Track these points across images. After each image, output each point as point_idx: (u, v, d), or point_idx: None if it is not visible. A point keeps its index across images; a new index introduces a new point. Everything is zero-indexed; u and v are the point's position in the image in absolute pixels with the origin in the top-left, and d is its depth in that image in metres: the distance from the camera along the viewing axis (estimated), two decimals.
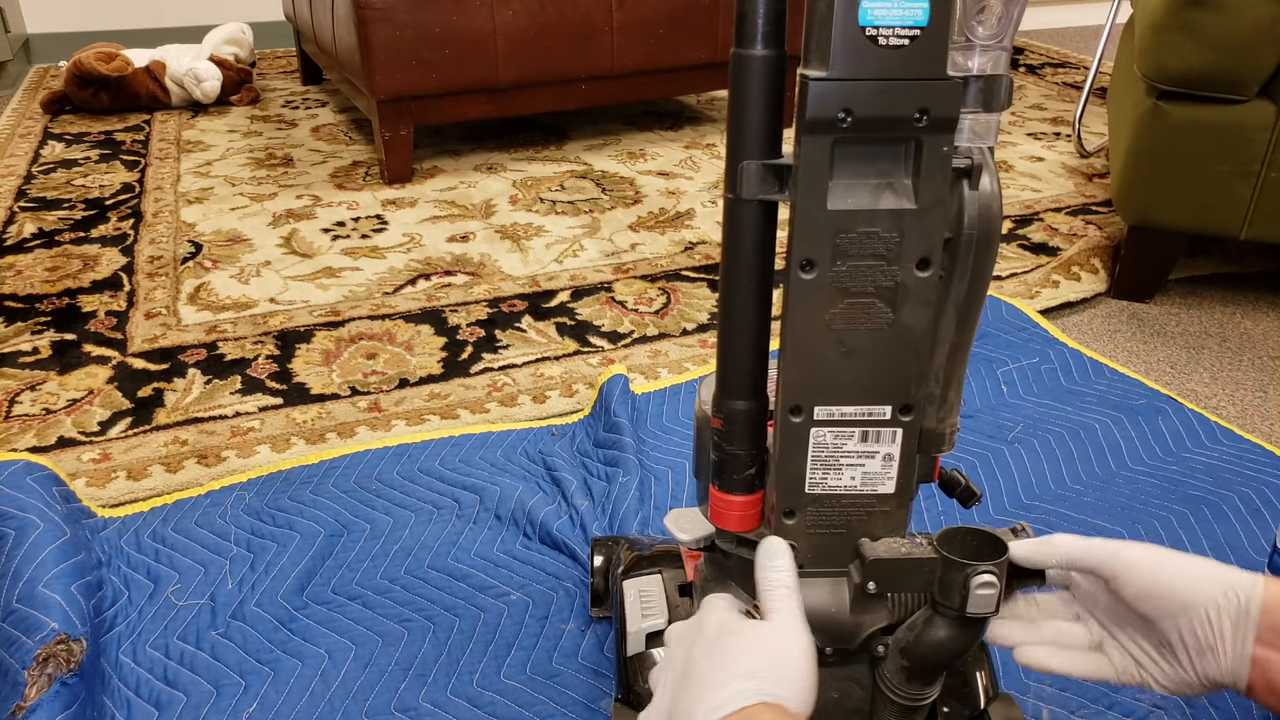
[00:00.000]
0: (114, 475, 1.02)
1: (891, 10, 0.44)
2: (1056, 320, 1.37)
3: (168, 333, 1.32)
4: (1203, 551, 0.91)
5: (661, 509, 0.96)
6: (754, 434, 0.56)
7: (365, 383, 1.20)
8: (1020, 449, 1.06)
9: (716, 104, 2.42)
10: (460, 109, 1.84)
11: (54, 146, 2.10)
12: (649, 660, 0.66)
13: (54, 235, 1.64)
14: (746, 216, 0.51)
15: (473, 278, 1.48)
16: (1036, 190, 1.83)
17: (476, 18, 1.75)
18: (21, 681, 0.71)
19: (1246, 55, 1.19)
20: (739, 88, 0.49)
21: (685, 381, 1.19)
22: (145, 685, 0.78)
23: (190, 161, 2.01)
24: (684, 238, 1.62)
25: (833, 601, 0.56)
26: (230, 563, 0.90)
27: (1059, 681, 0.77)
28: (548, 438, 1.09)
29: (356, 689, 0.77)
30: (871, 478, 0.55)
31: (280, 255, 1.56)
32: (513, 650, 0.81)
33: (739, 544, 0.59)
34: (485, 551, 0.92)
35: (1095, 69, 1.99)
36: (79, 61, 2.25)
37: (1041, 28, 3.41)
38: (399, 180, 1.86)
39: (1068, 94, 2.47)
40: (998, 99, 0.47)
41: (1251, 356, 1.28)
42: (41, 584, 0.79)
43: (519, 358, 1.25)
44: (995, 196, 0.48)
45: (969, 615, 0.50)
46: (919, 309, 0.50)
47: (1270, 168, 1.24)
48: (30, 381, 1.20)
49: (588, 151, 2.05)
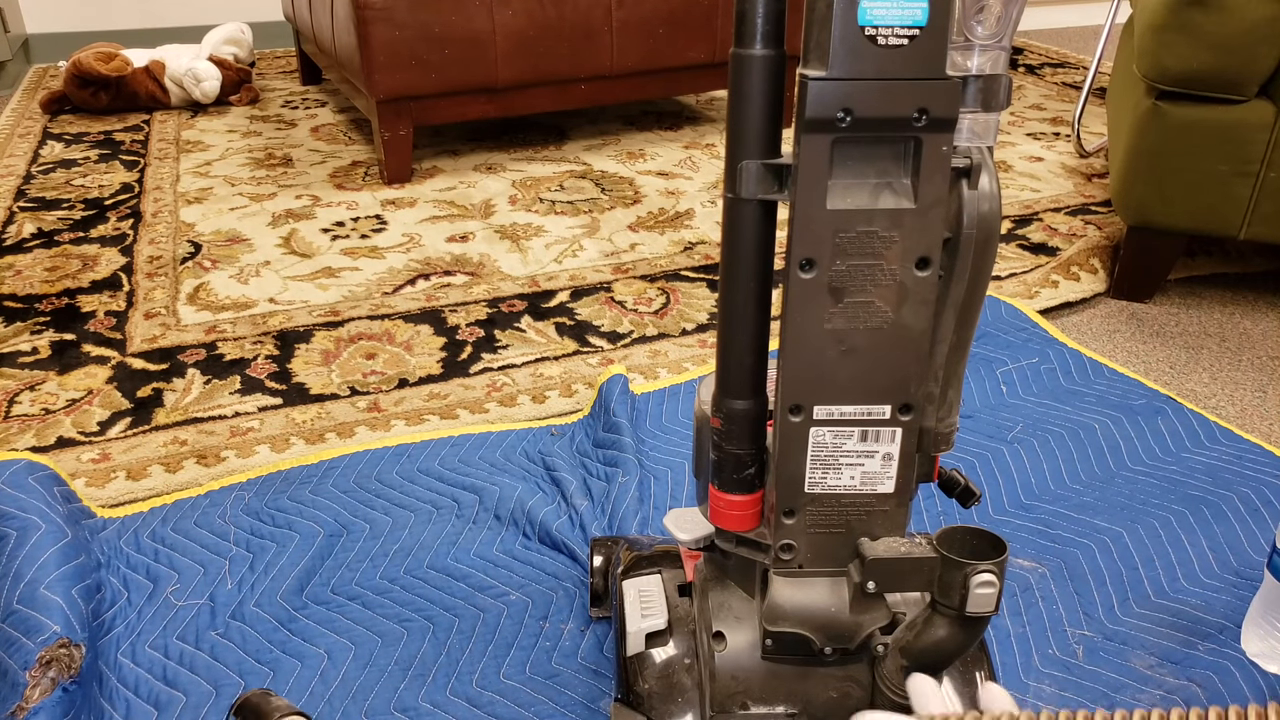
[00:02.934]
0: (113, 475, 1.02)
1: (891, 10, 0.44)
2: (1056, 320, 1.37)
3: (167, 333, 1.32)
4: (1202, 552, 0.91)
5: (661, 509, 0.96)
6: (754, 433, 0.56)
7: (365, 383, 1.20)
8: (1020, 449, 1.06)
9: (716, 104, 2.42)
10: (460, 109, 1.84)
11: (53, 146, 2.10)
12: (649, 660, 0.66)
13: (53, 235, 1.63)
14: (746, 216, 0.51)
15: (472, 278, 1.48)
16: (1036, 190, 1.83)
17: (476, 18, 1.75)
18: (22, 683, 0.71)
19: (1246, 55, 1.19)
20: (738, 87, 0.49)
21: (685, 381, 1.19)
22: (144, 685, 0.78)
23: (189, 161, 2.01)
24: (683, 238, 1.62)
25: (832, 601, 0.56)
26: (229, 563, 0.90)
27: (1059, 681, 0.77)
28: (547, 438, 1.08)
29: (356, 689, 0.77)
30: (871, 477, 0.55)
31: (280, 255, 1.56)
32: (512, 650, 0.81)
33: (739, 544, 0.59)
34: (485, 551, 0.92)
35: (1095, 69, 1.99)
36: (78, 61, 2.25)
37: (1041, 28, 3.41)
38: (398, 180, 1.86)
39: (1067, 94, 2.47)
40: (997, 99, 0.47)
41: (1251, 356, 1.28)
42: (43, 586, 0.79)
43: (518, 358, 1.25)
44: (994, 196, 0.48)
45: (969, 615, 0.50)
46: (918, 308, 0.50)
47: (1270, 168, 1.24)
48: (30, 381, 1.20)
49: (587, 151, 2.05)
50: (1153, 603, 0.85)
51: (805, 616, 0.57)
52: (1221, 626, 0.82)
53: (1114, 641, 0.81)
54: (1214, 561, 0.90)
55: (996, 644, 0.81)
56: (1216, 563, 0.90)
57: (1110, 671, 0.78)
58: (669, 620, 0.66)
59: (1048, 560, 0.90)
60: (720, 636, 0.60)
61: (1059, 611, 0.84)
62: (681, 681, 0.63)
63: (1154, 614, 0.84)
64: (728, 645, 0.60)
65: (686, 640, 0.65)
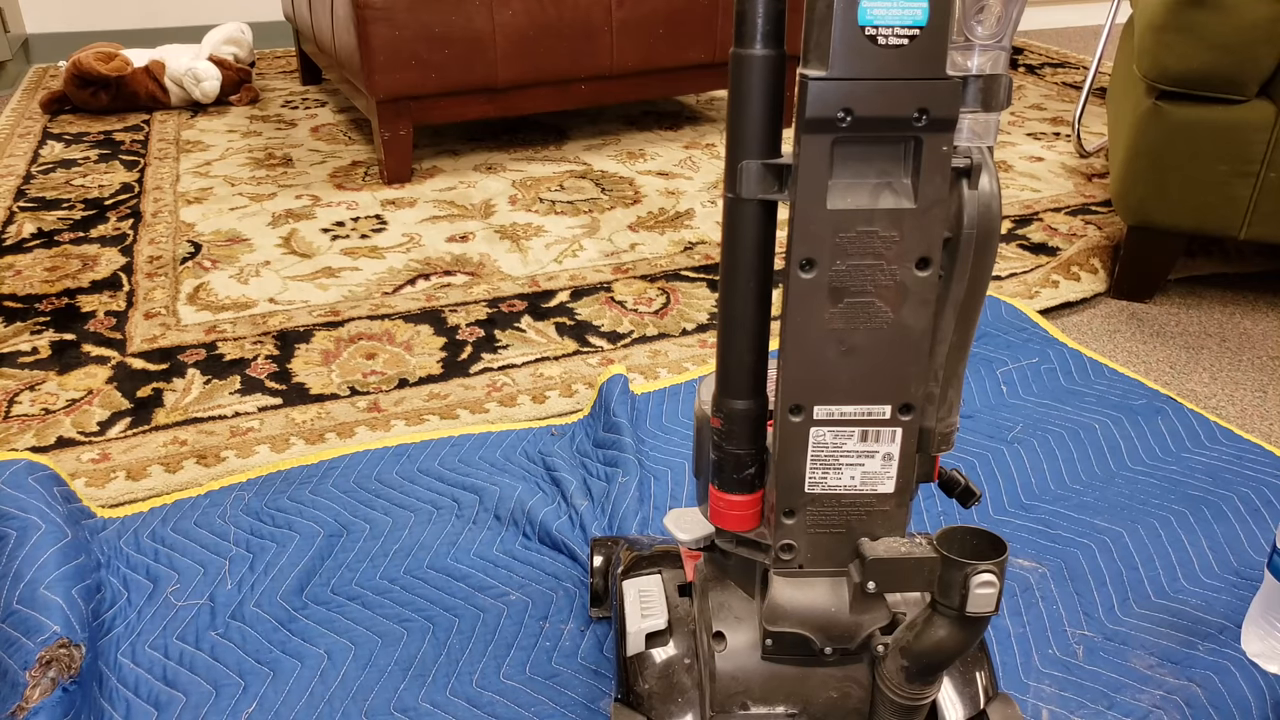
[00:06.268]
0: (113, 475, 1.02)
1: (891, 10, 0.44)
2: (1056, 320, 1.37)
3: (167, 333, 1.32)
4: (1202, 552, 0.91)
5: (661, 509, 0.97)
6: (754, 433, 0.56)
7: (365, 383, 1.20)
8: (1020, 449, 1.06)
9: (716, 104, 2.42)
10: (459, 109, 1.84)
11: (53, 146, 2.10)
12: (649, 660, 0.66)
13: (53, 235, 1.63)
14: (746, 216, 0.51)
15: (472, 278, 1.48)
16: (1036, 190, 1.83)
17: (476, 18, 1.75)
18: (22, 683, 0.71)
19: (1246, 55, 1.19)
20: (738, 87, 0.49)
21: (685, 381, 1.19)
22: (144, 685, 0.78)
23: (189, 161, 2.01)
24: (683, 238, 1.62)
25: (832, 601, 0.56)
26: (229, 563, 0.90)
27: (1059, 681, 0.77)
28: (547, 438, 1.08)
29: (356, 689, 0.77)
30: (871, 477, 0.55)
31: (279, 255, 1.56)
32: (512, 650, 0.81)
33: (739, 544, 0.59)
34: (485, 551, 0.92)
35: (1095, 69, 1.99)
36: (78, 61, 2.25)
37: (1041, 28, 3.41)
38: (398, 180, 1.86)
39: (1067, 94, 2.47)
40: (997, 98, 0.47)
41: (1251, 356, 1.28)
42: (43, 586, 0.79)
43: (518, 358, 1.25)
44: (995, 196, 0.48)
45: (969, 615, 0.50)
46: (918, 308, 0.50)
47: (1270, 168, 1.24)
48: (29, 381, 1.20)
49: (587, 151, 2.05)
50: (1153, 603, 0.85)
51: (805, 616, 0.57)
52: (1221, 626, 0.82)
53: (1114, 641, 0.81)
54: (1214, 561, 0.90)
55: (996, 644, 0.81)
56: (1216, 563, 0.90)
57: (1110, 671, 0.78)
58: (669, 620, 0.66)
59: (1048, 560, 0.90)
60: (720, 636, 0.60)
61: (1059, 611, 0.84)
62: (681, 681, 0.63)
63: (1154, 614, 0.84)
64: (728, 645, 0.60)
65: (686, 640, 0.65)
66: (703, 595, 0.63)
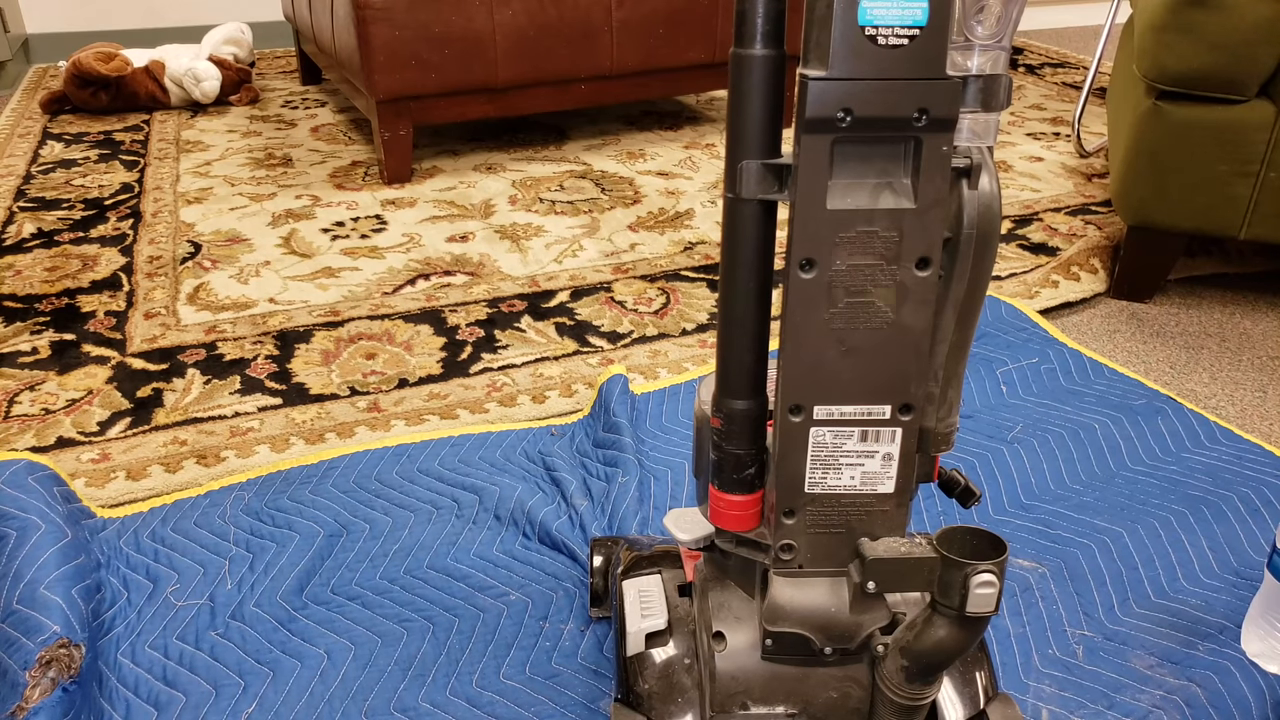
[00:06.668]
0: (113, 475, 1.02)
1: (891, 10, 0.44)
2: (1056, 320, 1.37)
3: (167, 333, 1.32)
4: (1202, 552, 0.91)
5: (661, 509, 0.97)
6: (754, 433, 0.56)
7: (364, 383, 1.20)
8: (1020, 449, 1.06)
9: (716, 104, 2.42)
10: (459, 109, 1.84)
11: (53, 146, 2.10)
12: (649, 660, 0.66)
13: (53, 235, 1.63)
14: (746, 216, 0.51)
15: (472, 278, 1.48)
16: (1036, 190, 1.83)
17: (476, 18, 1.75)
18: (22, 683, 0.71)
19: (1246, 55, 1.19)
20: (738, 87, 0.49)
21: (685, 381, 1.19)
22: (144, 685, 0.78)
23: (189, 161, 2.01)
24: (683, 238, 1.62)
25: (832, 601, 0.56)
26: (229, 563, 0.90)
27: (1058, 681, 0.77)
28: (547, 438, 1.08)
29: (356, 689, 0.77)
30: (871, 477, 0.55)
31: (279, 255, 1.56)
32: (512, 650, 0.81)
33: (739, 544, 0.59)
34: (484, 552, 0.92)
35: (1095, 69, 1.99)
36: (78, 61, 2.25)
37: (1041, 28, 3.41)
38: (398, 180, 1.86)
39: (1067, 94, 2.47)
40: (997, 98, 0.47)
41: (1251, 357, 1.28)
42: (43, 586, 0.79)
43: (518, 358, 1.25)
44: (995, 196, 0.48)
45: (969, 615, 0.50)
46: (918, 308, 0.50)
47: (1270, 168, 1.24)
48: (29, 381, 1.20)
49: (587, 151, 2.05)
50: (1153, 603, 0.85)
51: (805, 616, 0.57)
52: (1221, 626, 0.82)
53: (1114, 641, 0.81)
54: (1214, 561, 0.90)
55: (996, 644, 0.81)
56: (1216, 563, 0.90)
57: (1110, 671, 0.78)
58: (669, 620, 0.66)
59: (1048, 560, 0.90)
60: (720, 636, 0.60)
61: (1059, 611, 0.84)
62: (681, 682, 0.63)
63: (1154, 614, 0.84)
64: (728, 645, 0.60)
65: (686, 640, 0.65)
66: (702, 595, 0.63)
